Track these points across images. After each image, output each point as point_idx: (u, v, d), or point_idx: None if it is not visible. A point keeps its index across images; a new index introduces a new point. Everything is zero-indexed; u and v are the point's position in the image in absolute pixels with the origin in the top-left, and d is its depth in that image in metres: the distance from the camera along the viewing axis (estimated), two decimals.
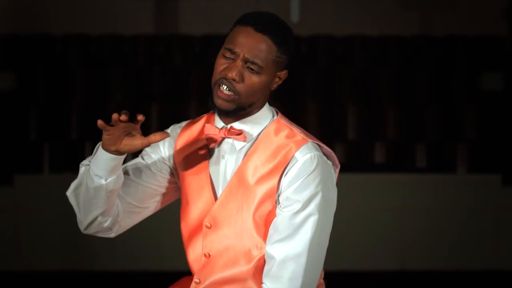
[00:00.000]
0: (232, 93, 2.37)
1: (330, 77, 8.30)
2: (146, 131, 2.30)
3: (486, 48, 8.62)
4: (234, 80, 2.36)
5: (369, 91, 8.26)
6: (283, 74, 2.44)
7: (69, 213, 7.07)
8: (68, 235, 7.04)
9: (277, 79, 2.44)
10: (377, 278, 6.99)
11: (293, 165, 2.38)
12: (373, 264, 7.13)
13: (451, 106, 7.99)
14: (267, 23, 2.39)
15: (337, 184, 2.49)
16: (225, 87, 2.37)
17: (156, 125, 7.68)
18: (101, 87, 8.18)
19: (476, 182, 7.31)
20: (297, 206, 2.37)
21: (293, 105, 7.91)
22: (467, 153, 7.56)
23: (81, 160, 2.51)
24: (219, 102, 2.38)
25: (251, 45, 2.36)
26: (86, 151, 7.36)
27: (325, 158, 2.43)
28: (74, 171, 8.28)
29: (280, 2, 8.76)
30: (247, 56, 2.36)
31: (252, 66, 2.37)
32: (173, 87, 8.20)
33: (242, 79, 2.36)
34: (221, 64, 2.39)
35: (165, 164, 2.56)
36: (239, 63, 2.37)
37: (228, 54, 2.38)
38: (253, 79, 2.37)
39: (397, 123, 7.88)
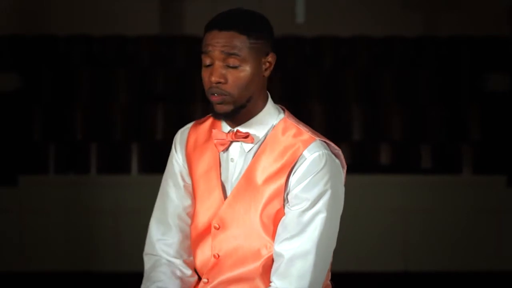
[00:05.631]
0: (223, 95, 2.37)
1: (334, 78, 8.30)
2: (151, 131, 2.30)
3: (490, 49, 8.61)
4: (219, 83, 2.36)
5: (374, 92, 8.25)
6: (270, 58, 2.42)
7: (74, 214, 7.11)
8: (72, 235, 7.04)
9: (266, 64, 2.42)
10: (381, 279, 6.99)
11: (301, 164, 2.38)
12: (377, 265, 7.13)
13: (455, 107, 7.98)
14: (227, 20, 2.38)
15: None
16: (216, 94, 2.38)
17: (161, 126, 7.67)
18: (105, 88, 8.17)
19: (481, 183, 7.30)
20: (306, 204, 2.37)
21: (298, 106, 7.90)
22: (472, 154, 7.55)
23: (86, 161, 2.52)
24: (217, 107, 2.39)
25: (221, 43, 2.36)
26: (91, 152, 7.35)
27: (333, 156, 2.42)
28: (78, 172, 8.26)
29: (284, 4, 8.75)
30: (222, 50, 2.36)
31: (230, 62, 2.36)
32: (177, 88, 8.19)
33: (226, 80, 2.37)
34: (204, 75, 2.40)
35: (186, 172, 2.56)
36: (217, 65, 2.37)
37: (206, 60, 2.39)
38: (237, 75, 2.37)
39: (402, 124, 7.88)
